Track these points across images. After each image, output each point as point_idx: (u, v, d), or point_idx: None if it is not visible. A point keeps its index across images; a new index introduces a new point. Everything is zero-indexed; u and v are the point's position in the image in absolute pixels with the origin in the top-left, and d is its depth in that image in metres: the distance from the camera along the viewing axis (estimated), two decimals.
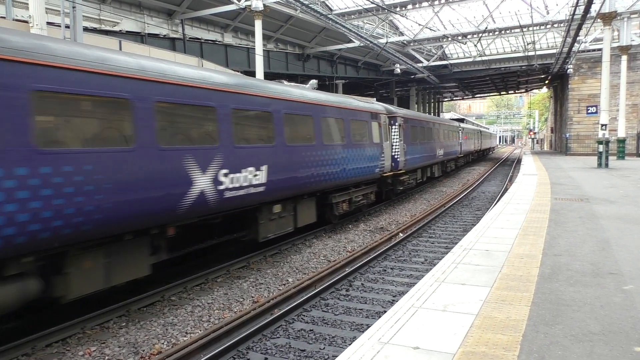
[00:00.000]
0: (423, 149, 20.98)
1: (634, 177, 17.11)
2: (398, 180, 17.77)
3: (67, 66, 5.58)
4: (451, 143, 29.40)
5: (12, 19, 14.02)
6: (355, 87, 43.24)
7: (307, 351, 5.69)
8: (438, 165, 25.89)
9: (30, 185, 5.08)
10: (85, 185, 5.65)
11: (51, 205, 5.29)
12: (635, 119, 32.21)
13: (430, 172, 24.16)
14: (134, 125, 6.37)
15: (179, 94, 7.18)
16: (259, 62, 20.98)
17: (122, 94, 6.24)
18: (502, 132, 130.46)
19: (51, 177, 5.29)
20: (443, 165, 28.03)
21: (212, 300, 7.52)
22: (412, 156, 18.88)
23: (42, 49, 5.38)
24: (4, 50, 4.98)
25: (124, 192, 6.17)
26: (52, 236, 5.34)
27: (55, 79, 5.44)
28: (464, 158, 37.81)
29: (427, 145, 21.91)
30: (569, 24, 25.47)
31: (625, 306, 4.38)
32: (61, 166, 5.40)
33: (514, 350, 3.53)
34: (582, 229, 7.95)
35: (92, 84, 5.87)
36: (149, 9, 22.19)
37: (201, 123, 7.82)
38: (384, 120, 15.92)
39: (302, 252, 10.64)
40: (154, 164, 6.63)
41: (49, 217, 5.26)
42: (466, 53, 41.44)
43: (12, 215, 4.91)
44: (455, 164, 33.63)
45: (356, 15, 29.87)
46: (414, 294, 4.90)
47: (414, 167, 19.35)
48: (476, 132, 45.08)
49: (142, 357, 5.63)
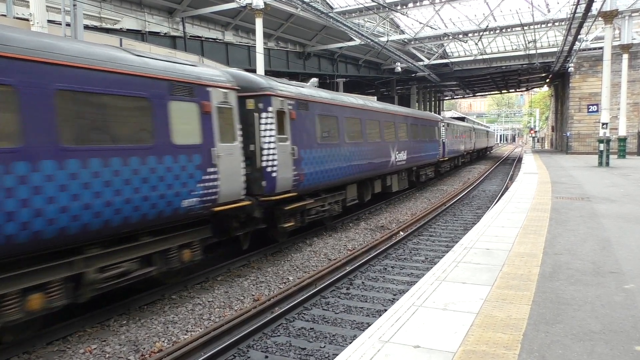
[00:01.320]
0: (349, 154, 13.06)
1: (634, 176, 17.09)
2: (282, 212, 9.95)
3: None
4: (424, 144, 21.75)
5: (13, 17, 14.02)
6: (356, 85, 43.21)
7: (308, 349, 5.69)
8: (398, 176, 18.23)
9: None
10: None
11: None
12: (636, 117, 32.16)
13: (375, 188, 15.89)
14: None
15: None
16: (259, 61, 20.96)
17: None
18: (503, 131, 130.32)
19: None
20: (411, 174, 20.40)
21: (212, 299, 7.52)
22: (315, 167, 11.09)
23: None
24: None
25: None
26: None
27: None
28: (450, 162, 29.95)
29: (360, 147, 13.93)
30: (570, 22, 25.41)
31: (626, 305, 4.37)
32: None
33: (514, 349, 3.53)
34: (583, 227, 7.95)
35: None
36: (150, 7, 22.16)
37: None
38: (218, 99, 8.10)
39: (302, 250, 10.65)
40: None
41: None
42: (467, 51, 41.38)
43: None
44: (436, 170, 25.86)
45: (357, 13, 29.85)
46: (414, 293, 4.90)
47: (318, 186, 11.41)
48: (468, 130, 37.63)
49: (142, 355, 5.64)
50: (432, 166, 24.42)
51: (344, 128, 13.00)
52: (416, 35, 34.59)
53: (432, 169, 24.53)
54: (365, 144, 14.36)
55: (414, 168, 20.57)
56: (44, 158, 5.34)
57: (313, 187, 11.17)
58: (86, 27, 14.94)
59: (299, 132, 10.52)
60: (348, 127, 13.32)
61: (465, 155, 37.77)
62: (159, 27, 22.42)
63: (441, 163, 26.51)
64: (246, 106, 9.28)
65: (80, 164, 5.70)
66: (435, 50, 40.21)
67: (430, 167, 23.90)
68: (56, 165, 5.47)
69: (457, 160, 33.24)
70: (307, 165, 10.71)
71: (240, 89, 8.87)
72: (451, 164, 30.67)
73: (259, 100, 9.38)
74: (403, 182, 19.11)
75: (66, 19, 11.95)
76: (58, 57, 5.58)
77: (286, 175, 9.85)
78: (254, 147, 9.24)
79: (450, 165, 30.55)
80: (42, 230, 5.30)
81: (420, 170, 21.99)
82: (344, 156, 12.76)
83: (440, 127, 25.48)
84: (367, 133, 14.59)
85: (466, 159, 39.06)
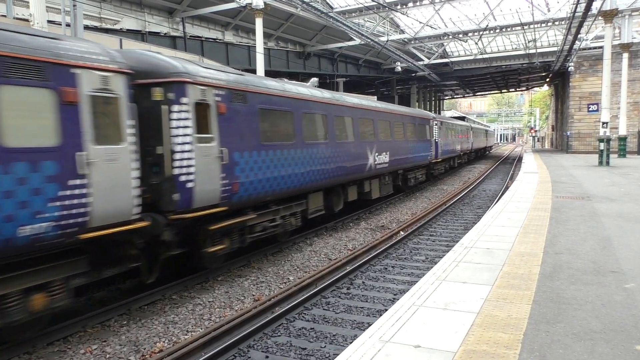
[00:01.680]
0: (310, 157, 11.08)
1: (635, 175, 17.08)
2: (206, 233, 7.97)
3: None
4: (413, 144, 19.53)
5: (13, 18, 14.02)
6: (356, 85, 43.22)
7: (308, 349, 5.69)
8: (379, 180, 16.17)
9: None
10: None
11: None
12: (636, 116, 32.13)
13: (349, 195, 13.92)
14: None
15: None
16: (259, 60, 20.95)
17: None
18: (503, 130, 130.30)
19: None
20: (396, 178, 18.29)
21: (213, 299, 7.52)
22: (257, 174, 9.10)
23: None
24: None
25: None
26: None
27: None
28: (445, 163, 27.98)
29: (327, 148, 11.96)
30: (570, 21, 25.40)
31: (627, 304, 4.37)
32: None
33: (515, 348, 3.52)
34: (584, 227, 7.94)
35: None
36: (150, 7, 22.16)
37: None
38: (92, 85, 6.01)
39: (303, 250, 10.64)
40: None
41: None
42: (467, 51, 41.37)
43: None
44: (428, 173, 23.74)
45: (357, 13, 29.85)
46: (415, 293, 4.90)
47: (264, 197, 9.43)
48: (465, 129, 35.41)
49: (143, 355, 5.64)
50: (423, 168, 22.40)
51: (302, 126, 10.90)
52: (416, 35, 34.59)
53: (423, 172, 22.47)
54: (333, 145, 12.21)
55: (400, 171, 18.45)
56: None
57: (255, 199, 9.03)
58: (86, 28, 14.93)
59: (232, 131, 8.37)
60: (308, 125, 11.21)
61: (462, 156, 35.65)
62: (159, 27, 22.43)
63: (434, 165, 24.41)
64: (152, 96, 7.24)
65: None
66: (435, 50, 40.20)
67: (420, 170, 21.81)
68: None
69: (452, 162, 31.20)
70: (244, 172, 8.60)
71: (138, 74, 6.91)
72: (446, 165, 28.67)
73: (169, 88, 7.22)
74: (386, 187, 16.93)
75: (66, 19, 11.95)
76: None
77: (210, 185, 7.72)
78: (162, 150, 7.22)
79: (445, 167, 28.55)
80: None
81: (408, 174, 19.72)
82: (301, 160, 10.65)
83: (432, 125, 23.33)
84: (335, 132, 12.48)
85: (463, 160, 36.73)
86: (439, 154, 24.62)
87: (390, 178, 17.54)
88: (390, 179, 17.56)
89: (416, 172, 21.04)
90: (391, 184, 17.65)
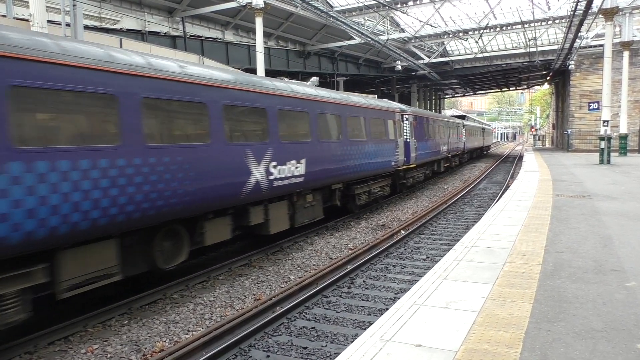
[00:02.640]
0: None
1: (636, 174, 17.06)
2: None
3: None
4: (363, 146, 14.02)
5: (13, 17, 14.02)
6: (356, 84, 43.20)
7: (309, 349, 5.69)
8: (287, 204, 10.53)
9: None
10: None
11: None
12: (637, 115, 32.10)
13: (205, 237, 8.22)
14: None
15: None
16: (259, 60, 20.95)
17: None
18: (504, 129, 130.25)
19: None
20: (331, 196, 12.94)
21: (214, 298, 7.52)
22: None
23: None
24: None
25: None
26: None
27: None
28: (424, 169, 22.34)
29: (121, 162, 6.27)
30: (570, 19, 25.37)
31: (628, 303, 4.37)
32: None
33: (516, 347, 3.52)
34: (584, 225, 7.94)
35: None
36: (150, 7, 22.17)
37: None
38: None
39: (303, 249, 10.64)
40: None
41: None
42: (467, 50, 41.34)
43: None
44: (396, 184, 18.24)
45: (357, 12, 29.82)
46: (415, 292, 4.90)
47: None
48: (454, 127, 30.22)
49: (144, 354, 5.64)
50: (386, 178, 16.82)
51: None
52: (416, 34, 34.57)
53: (386, 183, 16.78)
54: (133, 153, 6.40)
55: (339, 186, 13.02)
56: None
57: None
58: (86, 27, 14.94)
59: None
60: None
61: (452, 159, 29.82)
62: (159, 26, 22.43)
63: (405, 172, 18.79)
64: None
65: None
66: (436, 49, 40.17)
67: (382, 181, 16.26)
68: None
69: (436, 166, 25.56)
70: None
71: None
72: (426, 171, 22.81)
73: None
74: (305, 213, 11.27)
75: (66, 19, 11.95)
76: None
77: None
78: None
79: (426, 173, 22.83)
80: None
81: (356, 187, 14.08)
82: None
83: (400, 120, 17.73)
84: (130, 129, 6.42)
85: (453, 163, 30.87)
86: (414, 158, 19.10)
87: (319, 197, 11.93)
88: (319, 198, 11.93)
89: (372, 185, 15.35)
90: (319, 207, 11.98)
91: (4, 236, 4.94)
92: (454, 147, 29.77)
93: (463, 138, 33.79)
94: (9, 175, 5.02)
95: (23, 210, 5.10)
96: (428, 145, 22.11)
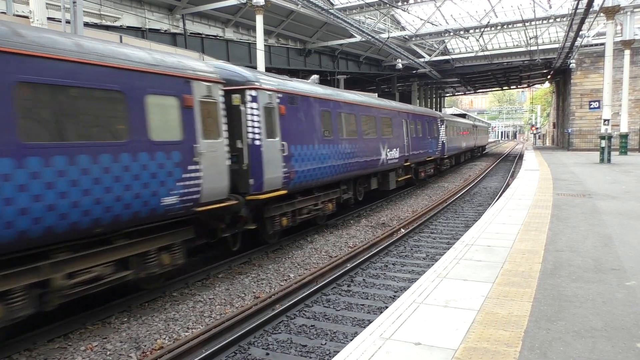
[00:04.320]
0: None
1: (636, 173, 17.05)
2: None
3: None
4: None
5: (13, 14, 13.99)
6: (357, 82, 43.14)
7: (309, 347, 5.69)
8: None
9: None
10: None
11: None
12: (638, 114, 32.06)
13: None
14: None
15: None
16: (260, 57, 20.91)
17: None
18: (504, 128, 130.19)
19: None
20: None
21: (213, 296, 7.52)
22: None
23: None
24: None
25: None
26: None
27: None
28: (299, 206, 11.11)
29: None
30: (571, 18, 25.32)
31: (628, 302, 4.36)
32: None
33: (515, 346, 3.52)
34: (584, 224, 7.93)
35: None
36: (150, 4, 22.11)
37: None
38: None
39: (303, 247, 10.64)
40: None
41: None
42: (468, 48, 41.27)
43: None
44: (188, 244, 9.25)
45: (358, 10, 29.76)
46: (415, 290, 4.90)
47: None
48: (419, 120, 20.86)
49: (143, 352, 5.65)
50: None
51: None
52: (417, 32, 34.51)
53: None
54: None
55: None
56: None
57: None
58: (86, 25, 14.91)
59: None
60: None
61: (402, 172, 18.47)
62: (159, 24, 22.37)
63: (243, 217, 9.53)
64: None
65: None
66: (437, 47, 40.10)
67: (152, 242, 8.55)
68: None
69: (356, 192, 14.51)
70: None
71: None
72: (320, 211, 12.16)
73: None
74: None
75: (66, 16, 11.92)
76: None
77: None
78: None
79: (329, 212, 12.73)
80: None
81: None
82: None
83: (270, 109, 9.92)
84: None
85: (427, 172, 22.51)
86: (291, 182, 10.31)
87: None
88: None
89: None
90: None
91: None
92: (418, 152, 20.40)
93: (442, 138, 25.28)
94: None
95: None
96: (348, 154, 13.00)
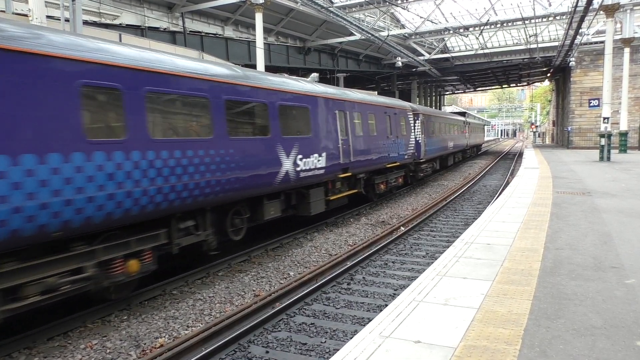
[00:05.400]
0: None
1: (636, 171, 17.05)
2: None
3: None
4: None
5: (12, 13, 13.96)
6: (356, 80, 43.11)
7: (309, 345, 5.69)
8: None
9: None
10: None
11: None
12: (637, 112, 32.06)
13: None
14: None
15: None
16: (259, 56, 20.88)
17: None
18: (504, 126, 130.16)
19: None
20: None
21: (213, 294, 7.53)
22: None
23: None
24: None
25: None
26: None
27: None
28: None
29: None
30: (571, 16, 25.28)
31: (627, 300, 4.36)
32: None
33: (515, 344, 3.52)
34: (584, 222, 7.93)
35: None
36: (149, 2, 22.07)
37: None
38: None
39: (303, 245, 10.64)
40: None
41: None
42: (468, 46, 41.22)
43: None
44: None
45: (357, 8, 29.70)
46: (415, 288, 4.90)
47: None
48: (360, 112, 14.37)
49: (143, 350, 5.65)
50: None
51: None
52: (417, 30, 34.44)
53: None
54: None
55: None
56: None
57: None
58: (85, 23, 14.89)
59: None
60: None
61: (341, 186, 13.24)
62: (158, 22, 22.33)
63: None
64: None
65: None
66: (436, 45, 40.05)
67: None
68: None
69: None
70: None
71: None
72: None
73: None
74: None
75: (65, 14, 11.90)
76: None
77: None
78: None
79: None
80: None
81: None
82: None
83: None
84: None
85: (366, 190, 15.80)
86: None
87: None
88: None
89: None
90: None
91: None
92: (369, 157, 14.95)
93: (416, 137, 20.59)
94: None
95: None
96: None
